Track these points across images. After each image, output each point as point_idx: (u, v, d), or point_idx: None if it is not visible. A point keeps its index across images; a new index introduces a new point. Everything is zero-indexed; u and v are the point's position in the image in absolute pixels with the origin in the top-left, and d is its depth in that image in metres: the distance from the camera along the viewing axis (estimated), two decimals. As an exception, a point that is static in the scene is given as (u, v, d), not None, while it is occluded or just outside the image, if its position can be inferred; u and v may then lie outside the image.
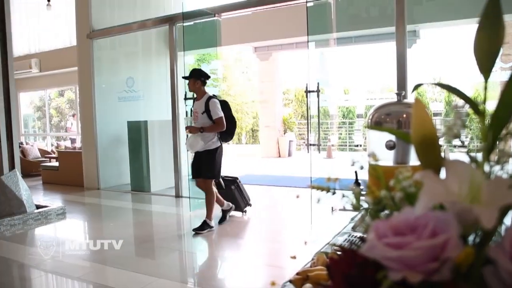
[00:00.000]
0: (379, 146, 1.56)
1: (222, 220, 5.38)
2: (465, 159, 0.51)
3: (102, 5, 8.32)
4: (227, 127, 4.92)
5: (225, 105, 5.08)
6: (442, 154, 0.52)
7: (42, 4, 11.12)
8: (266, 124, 13.90)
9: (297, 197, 5.52)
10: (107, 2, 8.49)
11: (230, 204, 5.47)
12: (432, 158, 0.51)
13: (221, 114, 4.84)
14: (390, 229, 0.44)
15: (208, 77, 5.06)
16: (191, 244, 4.89)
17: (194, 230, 4.94)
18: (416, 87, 0.70)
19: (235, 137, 18.85)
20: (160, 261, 4.27)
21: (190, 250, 4.70)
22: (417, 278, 0.40)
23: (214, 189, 5.14)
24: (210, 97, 4.90)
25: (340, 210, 5.77)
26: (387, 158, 1.56)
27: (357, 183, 1.61)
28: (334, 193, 0.61)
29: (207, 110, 4.84)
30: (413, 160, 1.59)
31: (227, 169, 8.58)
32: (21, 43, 12.77)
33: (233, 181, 5.78)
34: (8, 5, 6.23)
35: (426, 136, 0.50)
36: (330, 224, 5.29)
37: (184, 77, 5.12)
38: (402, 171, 0.54)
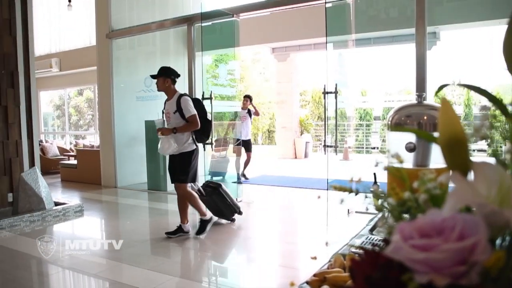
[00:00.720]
0: (398, 148, 1.54)
1: (200, 231, 4.84)
2: (491, 161, 0.50)
3: (121, 5, 8.41)
4: (201, 127, 4.64)
5: (198, 104, 4.80)
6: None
7: (63, 4, 11.31)
8: (283, 125, 13.88)
9: (319, 197, 5.45)
10: (126, 2, 8.58)
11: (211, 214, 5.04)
12: (460, 160, 0.50)
13: (194, 112, 4.55)
14: (416, 231, 0.43)
15: (178, 75, 4.80)
16: (205, 244, 4.91)
17: (196, 233, 4.80)
18: (441, 88, 0.69)
19: (251, 137, 18.88)
20: (175, 260, 4.29)
21: (204, 250, 4.72)
22: (444, 281, 0.39)
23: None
24: (181, 95, 4.65)
25: (356, 212, 5.74)
26: (406, 160, 1.54)
27: (376, 185, 1.59)
28: (356, 193, 0.60)
29: (179, 109, 4.56)
30: (433, 162, 1.57)
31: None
32: (42, 42, 13.00)
33: (214, 189, 5.39)
34: (31, 5, 6.35)
35: (454, 137, 0.49)
36: (346, 226, 5.25)
37: (153, 76, 4.77)
38: (426, 173, 0.53)
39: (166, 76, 4.66)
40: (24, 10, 6.25)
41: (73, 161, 10.15)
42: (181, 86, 8.30)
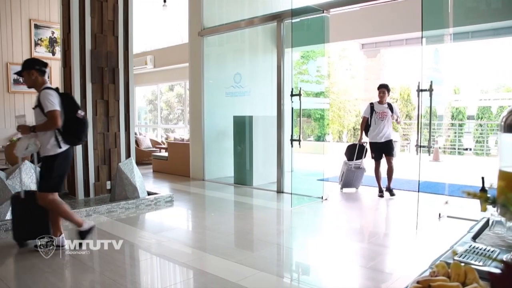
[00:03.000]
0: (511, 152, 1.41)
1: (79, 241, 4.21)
2: None
3: (212, 4, 8.66)
4: (71, 128, 4.01)
5: (66, 99, 4.09)
6: None
7: (158, 4, 11.91)
8: (370, 123, 13.48)
9: (446, 203, 5.10)
10: (217, 1, 8.82)
11: (91, 223, 4.31)
12: None
13: (54, 107, 3.87)
14: None
15: (44, 64, 4.12)
16: (290, 240, 4.91)
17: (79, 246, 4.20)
18: None
19: (336, 134, 18.59)
20: (259, 254, 4.33)
21: (289, 246, 4.71)
22: None
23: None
24: (44, 88, 3.99)
25: (448, 216, 5.42)
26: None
27: (483, 190, 1.47)
28: (492, 202, 0.55)
29: (39, 104, 3.94)
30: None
31: (328, 167, 8.47)
32: (139, 41, 13.79)
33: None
34: (132, 8, 6.77)
35: None
36: (437, 230, 4.99)
37: (17, 73, 4.17)
38: None
39: (29, 69, 4.03)
40: (125, 12, 6.69)
41: (164, 153, 10.67)
42: (268, 82, 8.43)
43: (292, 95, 6.45)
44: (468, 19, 7.69)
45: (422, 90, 5.18)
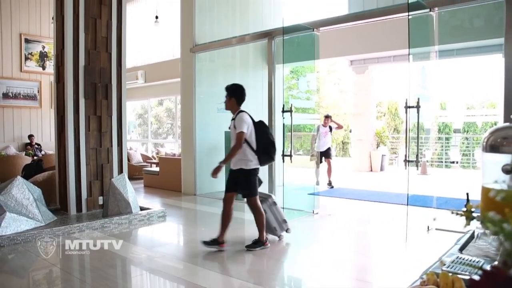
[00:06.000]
0: (494, 170, 1.51)
1: None
2: None
3: (203, 21, 8.79)
4: None
5: None
6: None
7: (150, 20, 12.06)
8: (359, 137, 13.65)
9: (434, 219, 5.23)
10: (208, 19, 8.95)
11: None
12: None
13: None
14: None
15: None
16: (281, 253, 4.97)
17: None
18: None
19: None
20: (252, 268, 4.38)
21: (280, 259, 4.77)
22: None
23: None
24: None
25: (436, 229, 5.53)
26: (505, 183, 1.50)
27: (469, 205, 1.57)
28: (473, 218, 0.64)
29: None
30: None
31: (320, 181, 8.54)
32: (130, 56, 13.86)
33: None
34: (125, 25, 6.87)
35: None
36: (426, 242, 5.09)
37: None
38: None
39: None
40: (119, 29, 6.79)
41: (155, 168, 10.67)
42: (259, 98, 8.53)
43: (283, 111, 6.55)
44: (452, 37, 7.91)
45: (409, 107, 5.32)
